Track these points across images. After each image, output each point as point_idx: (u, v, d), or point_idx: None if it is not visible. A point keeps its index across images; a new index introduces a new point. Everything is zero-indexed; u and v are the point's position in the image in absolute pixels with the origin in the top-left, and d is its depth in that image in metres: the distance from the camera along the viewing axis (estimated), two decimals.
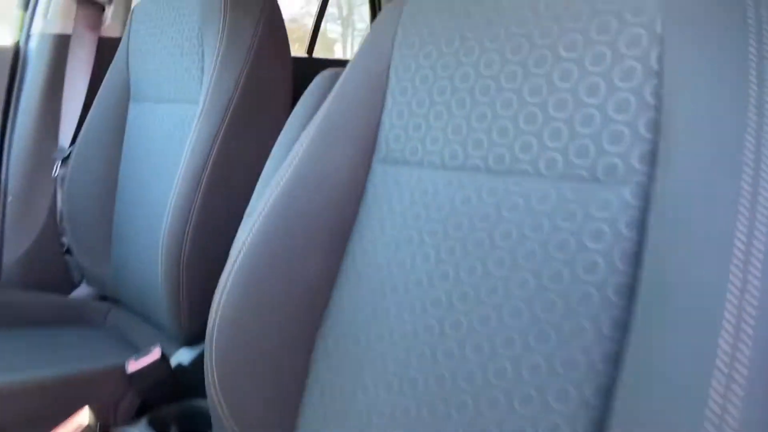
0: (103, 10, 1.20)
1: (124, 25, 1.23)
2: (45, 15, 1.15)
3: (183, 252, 0.79)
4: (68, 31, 1.15)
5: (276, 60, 0.85)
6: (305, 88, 0.77)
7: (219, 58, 0.82)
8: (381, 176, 0.60)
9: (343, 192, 0.61)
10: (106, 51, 1.17)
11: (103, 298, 1.13)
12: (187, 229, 0.79)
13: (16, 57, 1.16)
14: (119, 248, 1.04)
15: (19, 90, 1.15)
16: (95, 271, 1.08)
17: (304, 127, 0.68)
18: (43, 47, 1.15)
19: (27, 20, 1.17)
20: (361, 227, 0.60)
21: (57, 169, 1.13)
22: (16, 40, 1.17)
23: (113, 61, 1.10)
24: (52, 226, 1.14)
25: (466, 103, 0.54)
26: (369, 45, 0.64)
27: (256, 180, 0.77)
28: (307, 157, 0.61)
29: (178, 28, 0.93)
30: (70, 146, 1.13)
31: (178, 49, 0.93)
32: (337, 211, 0.61)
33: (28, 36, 1.17)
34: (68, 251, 1.14)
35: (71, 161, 1.09)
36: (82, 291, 1.16)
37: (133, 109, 1.06)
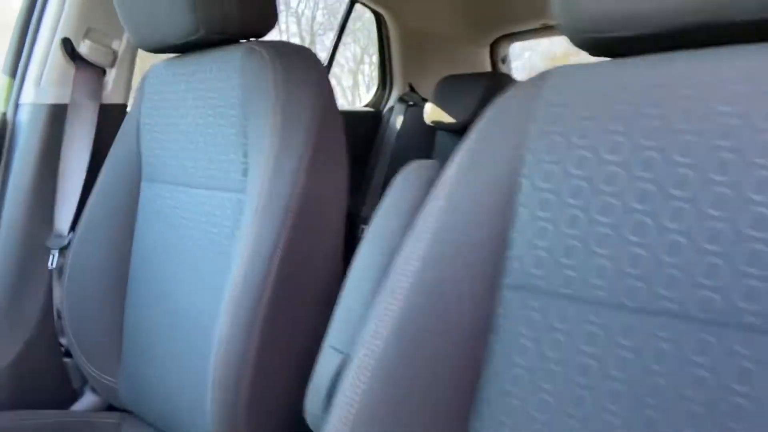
0: (104, 74, 1.05)
1: (128, 90, 1.09)
2: (37, 82, 1.00)
3: (242, 386, 0.64)
4: (65, 100, 1.00)
5: (335, 144, 0.72)
6: None
7: (276, 141, 0.68)
8: (518, 308, 0.48)
9: (468, 323, 0.50)
10: (108, 120, 1.02)
11: (111, 406, 0.97)
12: (246, 357, 0.64)
13: (3, 130, 1.00)
14: (133, 353, 0.88)
15: (7, 168, 1.00)
16: (102, 378, 0.92)
17: (399, 234, 0.57)
18: (35, 119, 0.99)
19: (16, 88, 1.02)
20: (498, 376, 0.48)
21: (54, 260, 0.97)
22: (2, 111, 1.02)
23: (119, 133, 0.95)
24: (48, 326, 0.98)
25: (646, 228, 0.43)
26: (486, 140, 0.52)
27: (331, 288, 0.64)
28: (423, 280, 0.50)
29: (209, 102, 0.80)
30: (69, 233, 0.97)
31: (209, 127, 0.79)
32: (466, 349, 0.49)
33: (17, 106, 1.02)
34: (68, 354, 0.98)
35: (71, 250, 0.94)
36: (87, 400, 0.99)
37: (147, 191, 0.91)
